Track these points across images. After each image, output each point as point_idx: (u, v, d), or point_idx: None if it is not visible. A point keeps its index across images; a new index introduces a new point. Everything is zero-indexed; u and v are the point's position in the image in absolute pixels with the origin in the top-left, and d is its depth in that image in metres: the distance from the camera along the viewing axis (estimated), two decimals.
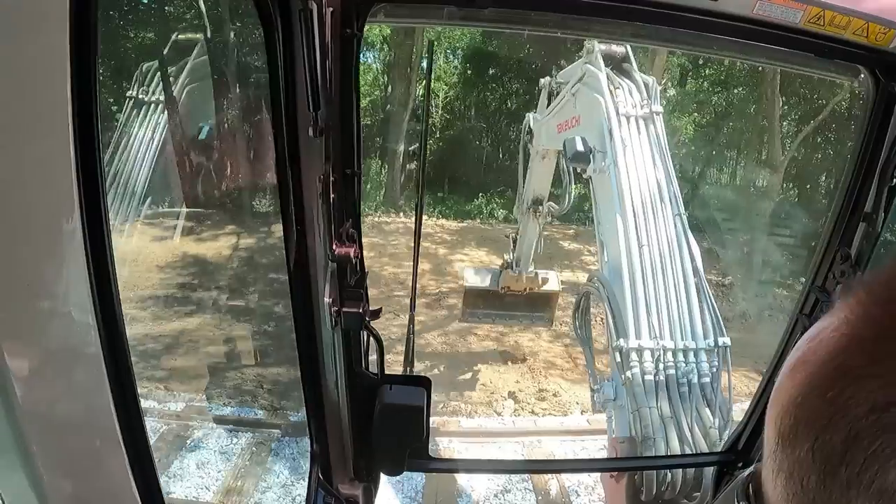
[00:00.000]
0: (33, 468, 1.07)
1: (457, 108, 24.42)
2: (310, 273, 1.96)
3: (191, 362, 10.99)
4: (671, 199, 6.00)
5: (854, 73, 2.21)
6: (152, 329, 11.02)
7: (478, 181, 22.72)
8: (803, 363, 0.71)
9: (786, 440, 0.69)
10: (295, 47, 1.65)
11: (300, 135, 1.76)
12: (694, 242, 5.85)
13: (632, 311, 5.41)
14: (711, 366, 5.28)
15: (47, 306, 1.06)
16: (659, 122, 6.41)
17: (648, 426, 4.89)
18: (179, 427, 9.50)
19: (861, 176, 2.29)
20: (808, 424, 0.67)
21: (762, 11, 1.90)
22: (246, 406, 10.25)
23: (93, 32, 0.95)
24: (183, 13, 12.66)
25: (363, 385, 2.23)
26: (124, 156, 7.04)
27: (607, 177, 6.00)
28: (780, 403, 0.71)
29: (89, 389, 1.15)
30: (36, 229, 0.99)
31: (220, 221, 12.90)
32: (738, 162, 23.10)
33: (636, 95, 6.50)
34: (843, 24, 1.93)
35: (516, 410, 11.46)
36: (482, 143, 25.11)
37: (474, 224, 21.31)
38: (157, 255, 11.55)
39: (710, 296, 5.65)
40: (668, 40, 2.54)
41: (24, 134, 0.92)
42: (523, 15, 2.08)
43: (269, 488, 8.60)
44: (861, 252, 2.38)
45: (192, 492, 8.42)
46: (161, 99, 7.49)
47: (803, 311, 2.56)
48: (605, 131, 6.20)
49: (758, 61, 2.57)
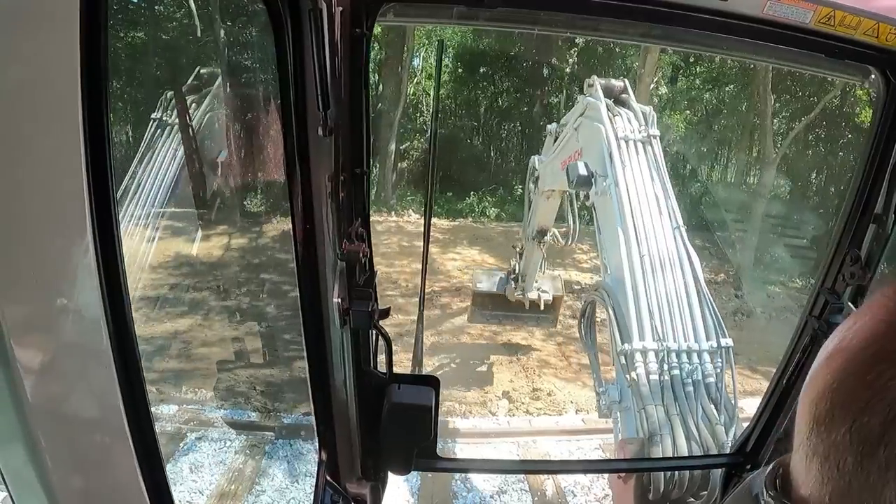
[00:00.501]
0: (42, 465, 1.08)
1: (448, 107, 24.49)
2: (319, 272, 1.96)
3: (201, 362, 11.04)
4: (670, 213, 6.25)
5: (864, 73, 2.19)
6: (160, 329, 11.07)
7: (469, 180, 22.83)
8: (840, 350, 0.71)
9: (821, 424, 0.69)
10: (304, 47, 1.66)
11: (309, 134, 1.77)
12: (693, 252, 6.03)
13: (635, 316, 5.53)
14: (715, 366, 5.37)
15: (57, 304, 1.06)
16: (656, 144, 6.75)
17: (655, 423, 4.95)
18: (184, 427, 9.54)
19: (871, 177, 2.28)
20: (845, 408, 0.67)
21: (772, 11, 1.89)
22: (250, 406, 10.28)
23: (103, 32, 0.96)
24: (190, 12, 12.73)
25: (371, 384, 2.23)
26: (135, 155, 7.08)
27: (608, 197, 6.28)
28: (815, 389, 0.72)
29: (98, 387, 1.16)
30: (46, 227, 0.99)
31: (232, 221, 12.94)
32: (729, 159, 23.15)
33: (634, 122, 6.85)
34: (853, 24, 1.92)
35: (511, 410, 11.51)
36: (474, 141, 25.27)
37: (466, 223, 21.38)
38: (165, 254, 11.58)
39: (710, 300, 5.79)
40: (677, 40, 2.53)
41: (35, 131, 0.93)
42: (532, 15, 2.07)
43: (277, 487, 8.62)
44: (871, 253, 2.37)
45: (201, 491, 8.45)
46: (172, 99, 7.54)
47: (812, 312, 2.55)
48: (605, 155, 6.53)
49: (767, 61, 2.56)
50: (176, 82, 7.31)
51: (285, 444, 9.40)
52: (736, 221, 18.94)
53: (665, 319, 5.57)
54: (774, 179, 18.93)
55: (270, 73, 1.91)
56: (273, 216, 13.21)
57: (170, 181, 8.93)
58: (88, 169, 0.99)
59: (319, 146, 1.79)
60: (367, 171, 1.91)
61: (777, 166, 18.46)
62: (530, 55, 22.77)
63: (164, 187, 8.51)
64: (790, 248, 17.75)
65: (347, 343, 2.11)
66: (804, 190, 20.60)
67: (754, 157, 21.01)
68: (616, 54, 22.23)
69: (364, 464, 2.41)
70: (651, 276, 5.75)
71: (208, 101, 8.12)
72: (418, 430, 2.28)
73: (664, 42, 4.67)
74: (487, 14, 1.96)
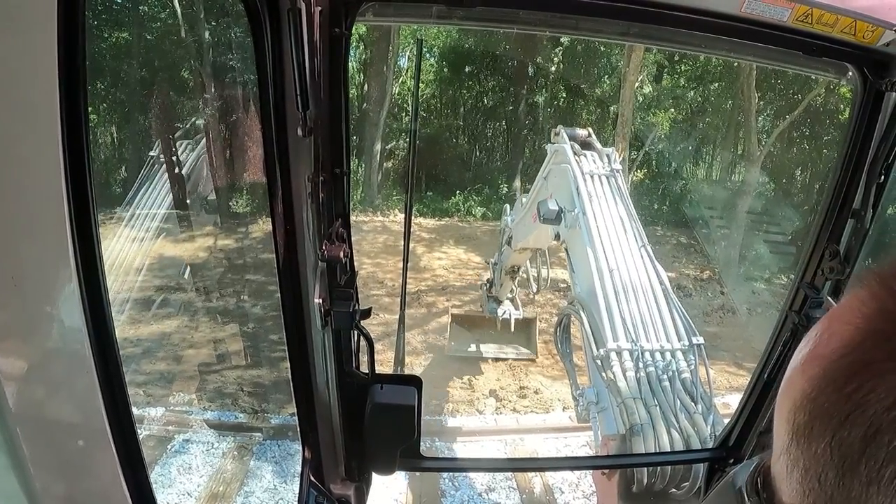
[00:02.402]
0: (24, 469, 1.07)
1: (433, 106, 24.60)
2: (299, 273, 1.95)
3: (180, 364, 10.99)
4: (636, 234, 6.65)
5: (842, 70, 2.22)
6: (140, 330, 10.99)
7: (455, 179, 23.04)
8: (816, 357, 0.70)
9: (801, 436, 0.68)
10: (283, 47, 1.65)
11: (289, 135, 1.76)
12: (659, 266, 6.40)
13: (608, 321, 5.78)
14: (689, 363, 5.57)
15: (36, 307, 1.05)
16: (620, 177, 7.36)
17: (634, 414, 5.05)
18: (171, 429, 9.48)
19: (849, 173, 2.30)
20: (824, 420, 0.66)
21: (750, 10, 1.90)
22: (237, 407, 10.24)
23: (80, 31, 0.95)
24: (172, 12, 12.63)
25: (354, 385, 2.23)
26: (114, 155, 7.03)
27: (577, 228, 6.70)
28: (791, 399, 0.70)
29: (80, 390, 1.15)
30: (24, 229, 0.98)
31: (209, 222, 12.87)
32: (714, 157, 23.33)
33: (599, 161, 7.49)
34: (830, 22, 1.94)
35: (498, 408, 11.60)
36: (459, 140, 25.39)
37: (452, 222, 21.44)
38: (144, 255, 11.51)
39: (678, 304, 6.08)
40: (656, 38, 2.54)
41: (14, 133, 0.92)
42: (512, 14, 2.08)
43: (261, 489, 8.59)
44: (850, 248, 2.40)
45: (184, 494, 8.41)
46: (150, 99, 7.50)
47: (792, 307, 2.57)
48: (573, 190, 7.01)
49: (746, 59, 2.57)
50: (156, 82, 7.27)
51: (269, 446, 9.38)
52: (721, 218, 19.10)
53: (637, 323, 5.80)
54: (759, 176, 19.12)
55: (250, 74, 1.89)
56: (254, 217, 13.17)
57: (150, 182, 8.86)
58: (67, 171, 0.98)
59: (299, 147, 1.78)
60: (346, 172, 1.91)
61: (761, 164, 18.63)
62: (515, 54, 22.82)
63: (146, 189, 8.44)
64: (775, 245, 17.92)
65: (329, 344, 2.10)
66: (789, 186, 20.81)
67: (738, 155, 21.18)
68: (601, 53, 22.33)
69: (348, 464, 2.41)
70: (621, 286, 6.03)
71: (189, 102, 8.08)
72: (401, 430, 2.28)
73: (643, 41, 4.71)
74: (467, 13, 1.96)
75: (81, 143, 0.99)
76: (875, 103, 2.18)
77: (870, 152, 2.25)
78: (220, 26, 9.15)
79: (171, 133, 9.67)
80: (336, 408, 2.25)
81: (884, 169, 2.24)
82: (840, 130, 18.21)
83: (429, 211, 21.68)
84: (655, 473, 4.65)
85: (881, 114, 2.19)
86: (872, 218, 2.32)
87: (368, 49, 22.75)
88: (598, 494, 4.75)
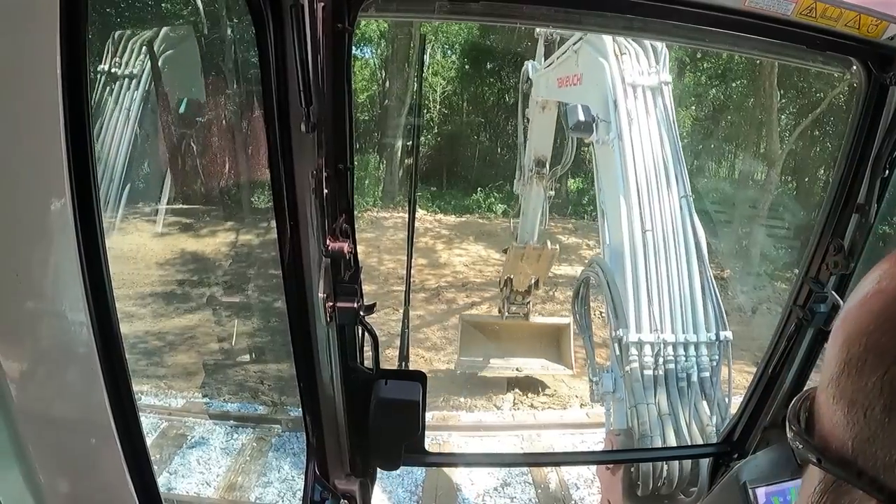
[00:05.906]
0: (29, 466, 1.07)
1: (454, 103, 24.53)
2: (303, 269, 1.96)
3: (187, 358, 11.01)
4: (678, 179, 5.61)
5: (846, 64, 2.21)
6: (146, 326, 11.01)
7: (476, 176, 22.96)
8: (879, 292, 0.69)
9: (852, 368, 0.68)
10: (286, 43, 1.66)
11: (292, 130, 1.77)
12: (700, 227, 5.53)
13: (633, 299, 5.22)
14: (712, 360, 5.17)
15: (40, 304, 1.05)
16: (668, 93, 5.89)
17: (646, 423, 4.85)
18: (178, 423, 9.51)
19: (854, 167, 2.30)
20: (879, 355, 0.65)
21: (754, 3, 1.90)
22: (244, 401, 10.27)
23: (83, 29, 0.95)
24: (176, 9, 12.62)
25: (358, 380, 2.23)
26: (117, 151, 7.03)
27: (611, 150, 5.65)
28: (846, 331, 0.70)
29: (84, 387, 1.16)
30: (28, 225, 0.99)
31: (214, 218, 12.89)
32: (736, 155, 23.12)
33: (643, 62, 5.89)
34: (834, 15, 1.93)
35: (515, 404, 11.44)
36: (480, 137, 25.25)
37: (473, 218, 21.44)
38: (150, 251, 11.53)
39: (714, 286, 5.41)
40: (660, 33, 2.54)
41: (17, 130, 0.92)
42: (514, 9, 2.07)
43: (267, 483, 8.61)
44: (854, 243, 2.39)
45: (191, 488, 8.43)
46: (154, 95, 7.48)
47: (797, 302, 2.57)
48: (609, 101, 5.75)
49: (750, 53, 2.56)
50: (155, 78, 7.26)
51: (275, 441, 9.39)
52: (741, 217, 18.94)
53: (664, 304, 5.25)
54: (780, 175, 18.96)
55: (253, 70, 1.89)
56: (259, 213, 13.17)
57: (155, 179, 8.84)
58: (71, 167, 0.98)
59: (302, 142, 1.78)
60: (350, 167, 1.90)
61: (784, 162, 18.46)
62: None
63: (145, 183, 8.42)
64: (795, 244, 17.76)
65: (333, 340, 2.10)
66: (811, 186, 20.60)
67: (760, 154, 21.00)
68: None
69: (352, 460, 2.41)
70: (653, 256, 5.34)
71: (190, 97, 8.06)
72: (406, 426, 2.28)
73: (646, 35, 4.60)
74: (469, 8, 1.95)
75: (85, 139, 1.00)
76: (879, 97, 2.18)
77: (874, 147, 2.24)
78: (223, 22, 9.12)
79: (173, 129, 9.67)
80: (340, 403, 2.25)
81: (888, 163, 2.23)
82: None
83: (450, 207, 21.77)
84: (661, 476, 4.53)
85: (885, 108, 2.19)
86: (877, 212, 2.31)
87: (389, 45, 22.71)
88: (602, 489, 4.74)
